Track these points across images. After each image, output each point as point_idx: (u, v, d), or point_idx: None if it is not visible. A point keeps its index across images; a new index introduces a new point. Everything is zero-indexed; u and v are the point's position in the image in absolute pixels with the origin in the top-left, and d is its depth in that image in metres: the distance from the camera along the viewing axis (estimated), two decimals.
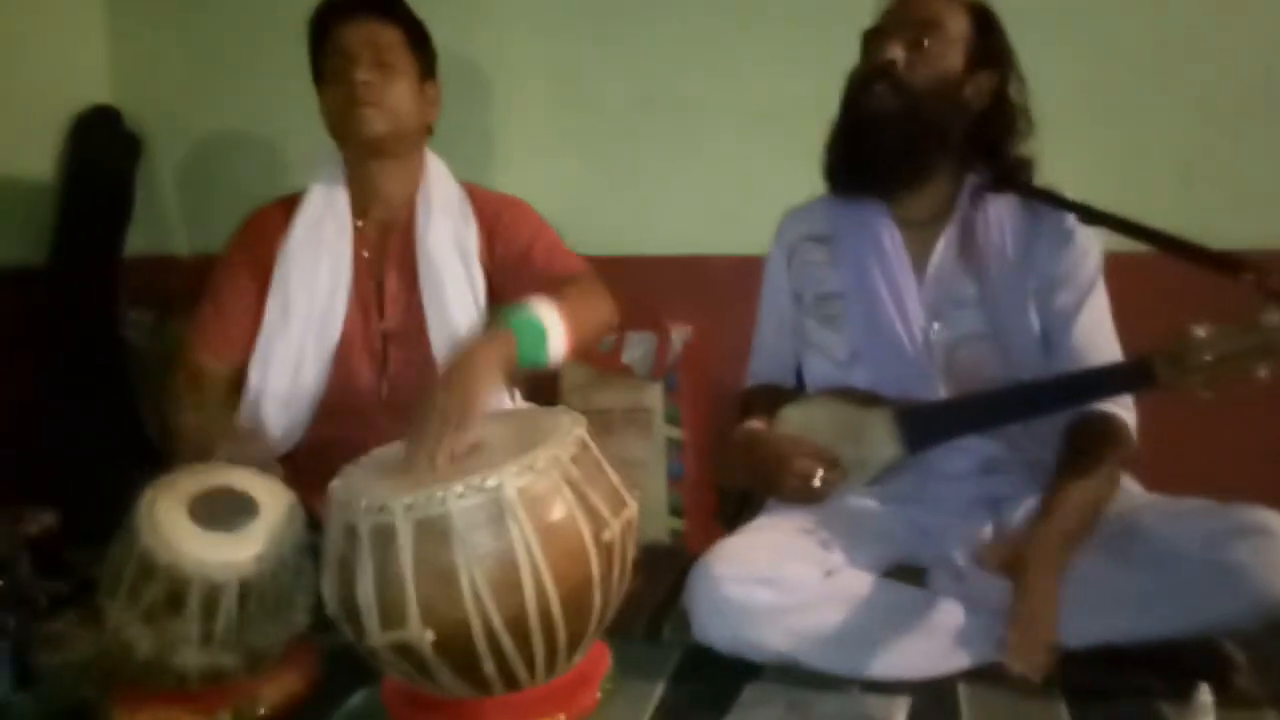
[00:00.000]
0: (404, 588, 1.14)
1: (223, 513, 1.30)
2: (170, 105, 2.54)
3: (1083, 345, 1.47)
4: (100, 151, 2.47)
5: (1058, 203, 1.49)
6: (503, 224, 1.71)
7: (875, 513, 1.54)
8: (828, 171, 1.57)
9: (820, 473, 1.45)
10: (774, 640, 1.36)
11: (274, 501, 1.34)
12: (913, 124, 1.48)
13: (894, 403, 1.49)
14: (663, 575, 1.70)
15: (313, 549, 1.31)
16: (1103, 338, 1.48)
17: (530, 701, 1.23)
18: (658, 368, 2.11)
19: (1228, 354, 1.26)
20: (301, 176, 1.75)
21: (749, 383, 1.74)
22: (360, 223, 1.71)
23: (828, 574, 1.42)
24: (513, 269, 1.68)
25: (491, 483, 1.15)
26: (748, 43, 2.19)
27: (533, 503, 1.17)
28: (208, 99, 2.51)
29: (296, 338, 1.64)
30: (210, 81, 2.50)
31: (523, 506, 1.16)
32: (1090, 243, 1.50)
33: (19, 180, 2.38)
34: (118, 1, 2.56)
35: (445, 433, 1.23)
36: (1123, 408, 1.43)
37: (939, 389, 1.50)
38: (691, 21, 2.22)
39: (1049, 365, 1.48)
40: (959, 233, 1.54)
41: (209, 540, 1.26)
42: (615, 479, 1.29)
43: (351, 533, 1.18)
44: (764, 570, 1.37)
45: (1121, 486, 1.48)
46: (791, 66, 2.13)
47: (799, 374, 1.69)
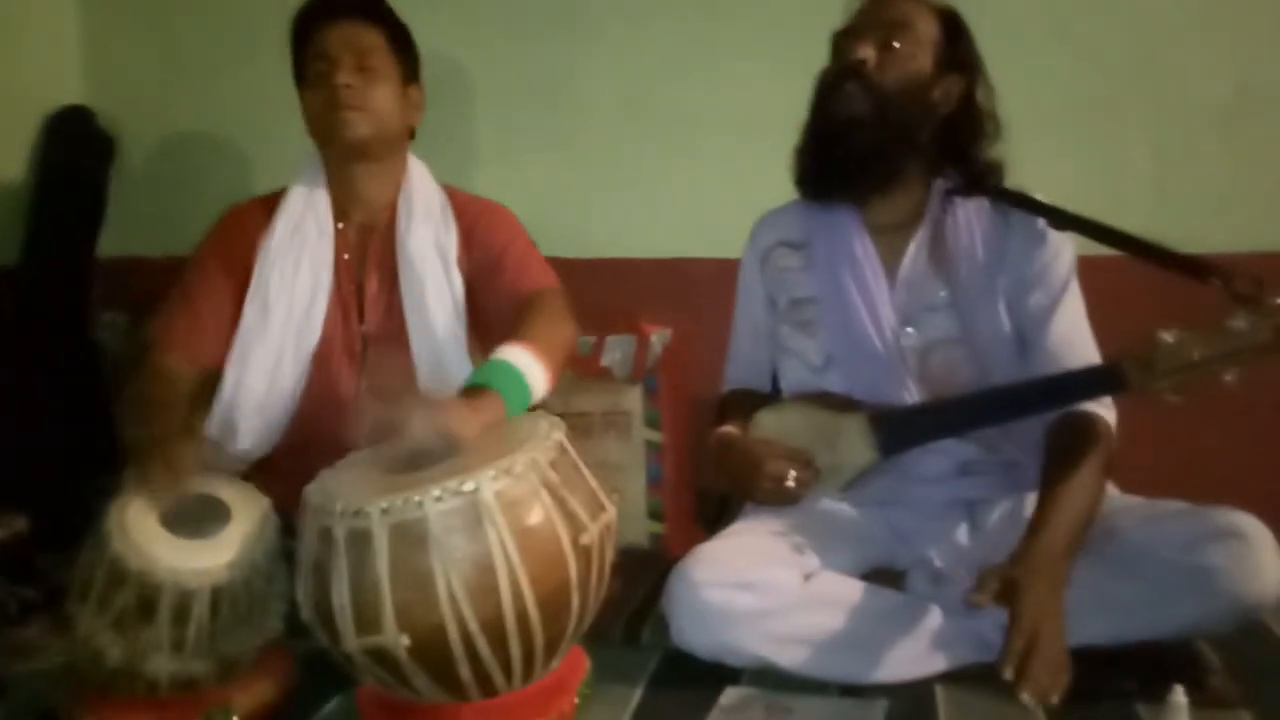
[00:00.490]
0: (380, 592, 1.13)
1: (195, 519, 1.28)
2: (144, 106, 2.51)
3: (1059, 346, 1.47)
4: (73, 152, 2.44)
5: (1027, 206, 1.50)
6: (479, 229, 1.70)
7: (853, 516, 1.55)
8: (798, 177, 1.58)
9: (793, 474, 1.45)
10: (752, 644, 1.36)
11: (247, 507, 1.33)
12: (882, 126, 1.48)
13: (868, 407, 1.50)
14: (642, 579, 1.70)
15: (287, 555, 1.30)
16: (1079, 338, 1.48)
17: (507, 707, 1.23)
18: (637, 371, 2.11)
19: (1196, 359, 1.27)
20: (277, 178, 1.74)
21: (725, 388, 1.74)
22: (341, 225, 1.70)
23: (806, 578, 1.42)
24: (485, 275, 1.67)
25: (469, 486, 1.14)
26: (731, 47, 2.19)
27: (510, 506, 1.16)
28: (182, 99, 2.48)
29: (275, 340, 1.62)
30: (185, 82, 2.47)
31: (500, 510, 1.15)
32: (1062, 244, 1.51)
33: None
34: (91, 1, 2.53)
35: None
36: (1103, 407, 1.44)
37: (913, 393, 1.51)
38: (675, 26, 2.22)
39: (1025, 367, 1.49)
40: (929, 237, 1.54)
41: (181, 546, 1.25)
42: (594, 483, 1.29)
43: (327, 537, 1.17)
44: (743, 575, 1.37)
45: None
46: (774, 71, 2.12)
47: (775, 379, 1.69)
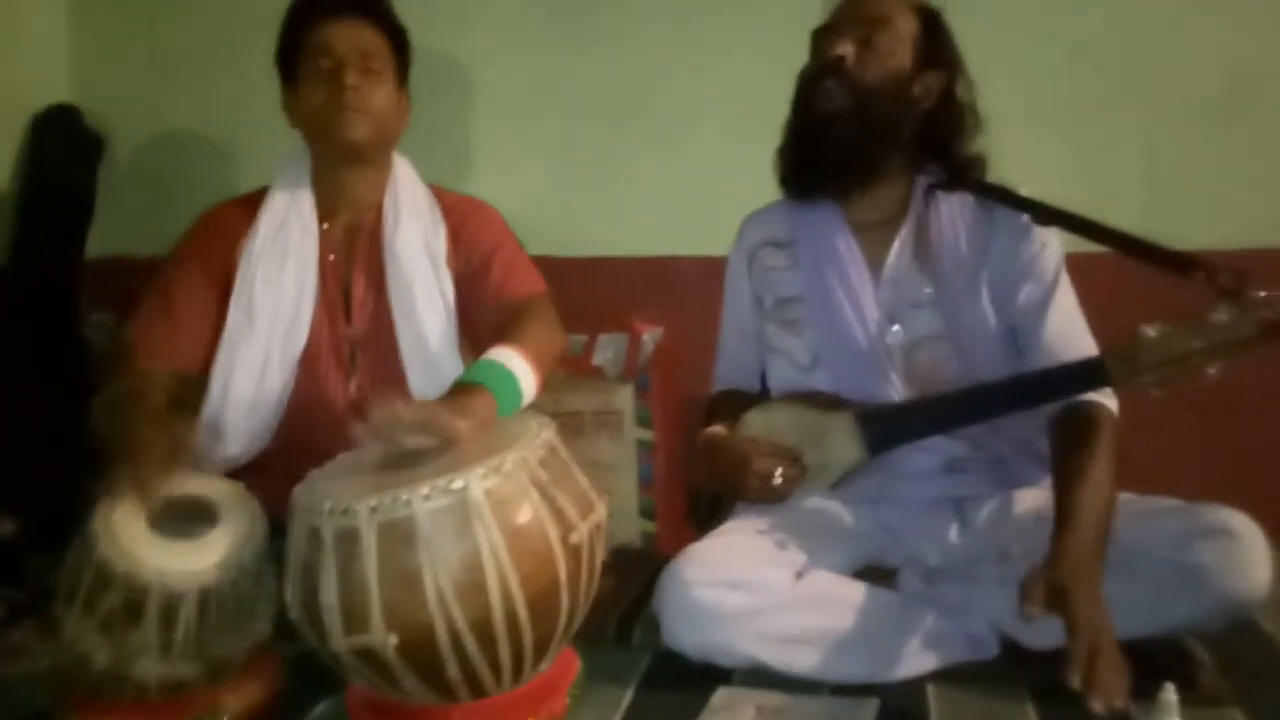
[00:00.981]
0: (368, 591, 1.12)
1: (183, 520, 1.27)
2: (132, 105, 2.50)
3: (1055, 340, 1.46)
4: (61, 151, 2.43)
5: (1010, 200, 1.50)
6: (467, 229, 1.69)
7: (843, 514, 1.55)
8: (782, 176, 1.58)
9: (779, 471, 1.45)
10: (744, 644, 1.36)
11: (235, 508, 1.32)
12: (862, 122, 1.48)
13: (855, 405, 1.50)
14: (633, 578, 1.69)
15: (275, 556, 1.29)
16: (1075, 331, 1.48)
17: (497, 708, 1.22)
18: (628, 369, 2.11)
19: (1178, 353, 1.27)
20: (266, 177, 1.72)
21: (715, 387, 1.74)
22: (326, 225, 1.68)
23: (797, 577, 1.42)
24: (473, 277, 1.66)
25: (457, 484, 1.14)
26: (721, 46, 2.19)
27: (499, 505, 1.15)
28: (170, 98, 2.47)
29: (262, 343, 1.60)
30: (173, 81, 2.47)
31: (489, 508, 1.14)
32: (1048, 236, 1.50)
33: None
34: (79, 0, 2.52)
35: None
36: (1104, 395, 1.43)
37: (899, 390, 1.51)
38: (666, 25, 2.22)
39: (1014, 363, 1.49)
40: (913, 234, 1.54)
41: (168, 548, 1.24)
42: (584, 482, 1.28)
43: (315, 536, 1.16)
44: (734, 574, 1.37)
45: None
46: (763, 70, 2.10)
47: (764, 378, 1.69)
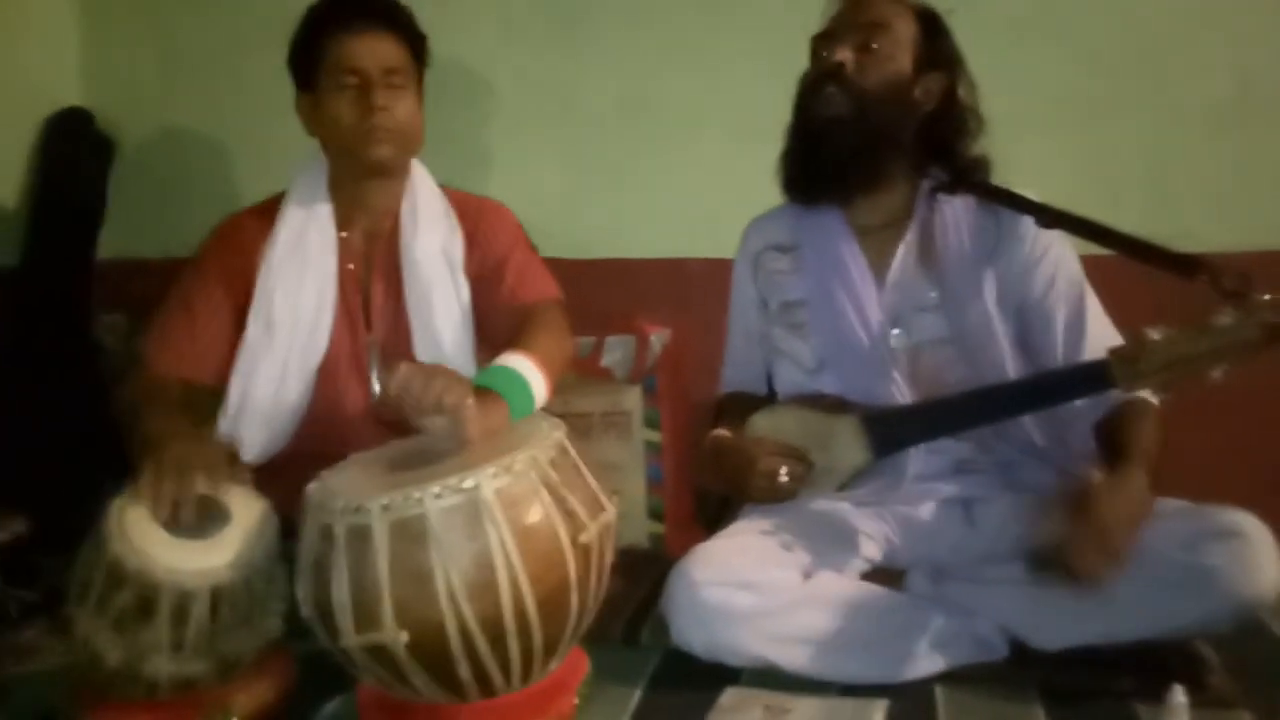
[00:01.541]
0: (379, 588, 1.13)
1: (194, 519, 1.28)
2: (143, 107, 2.51)
3: (1077, 333, 1.47)
4: (72, 154, 2.44)
5: (1014, 203, 1.50)
6: (481, 231, 1.69)
7: (850, 516, 1.55)
8: (784, 181, 1.58)
9: (784, 469, 1.45)
10: (752, 644, 1.36)
11: (246, 507, 1.33)
12: (864, 126, 1.49)
13: (861, 408, 1.50)
14: (641, 579, 1.70)
15: (287, 556, 1.29)
16: (1098, 324, 1.48)
17: (506, 707, 1.22)
18: (636, 370, 2.11)
19: (1182, 356, 1.28)
20: (276, 179, 1.72)
21: (722, 390, 1.74)
22: (345, 234, 1.67)
23: (806, 577, 1.42)
24: (487, 281, 1.66)
25: (469, 483, 1.15)
26: (727, 49, 2.19)
27: (510, 504, 1.16)
28: (181, 101, 2.49)
29: (281, 354, 1.59)
30: (184, 84, 2.48)
31: (500, 508, 1.15)
32: (1053, 235, 1.50)
33: None
34: (90, 3, 2.53)
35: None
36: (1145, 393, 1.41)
37: (904, 393, 1.51)
38: (672, 27, 2.23)
39: (1023, 364, 1.49)
40: (918, 237, 1.55)
41: (180, 547, 1.25)
42: (593, 483, 1.29)
43: (327, 534, 1.17)
44: (743, 574, 1.37)
45: None
46: (770, 73, 2.11)
47: (770, 381, 1.69)
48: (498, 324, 1.62)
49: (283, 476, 1.48)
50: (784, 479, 1.45)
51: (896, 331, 1.53)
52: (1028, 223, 1.49)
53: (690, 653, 1.39)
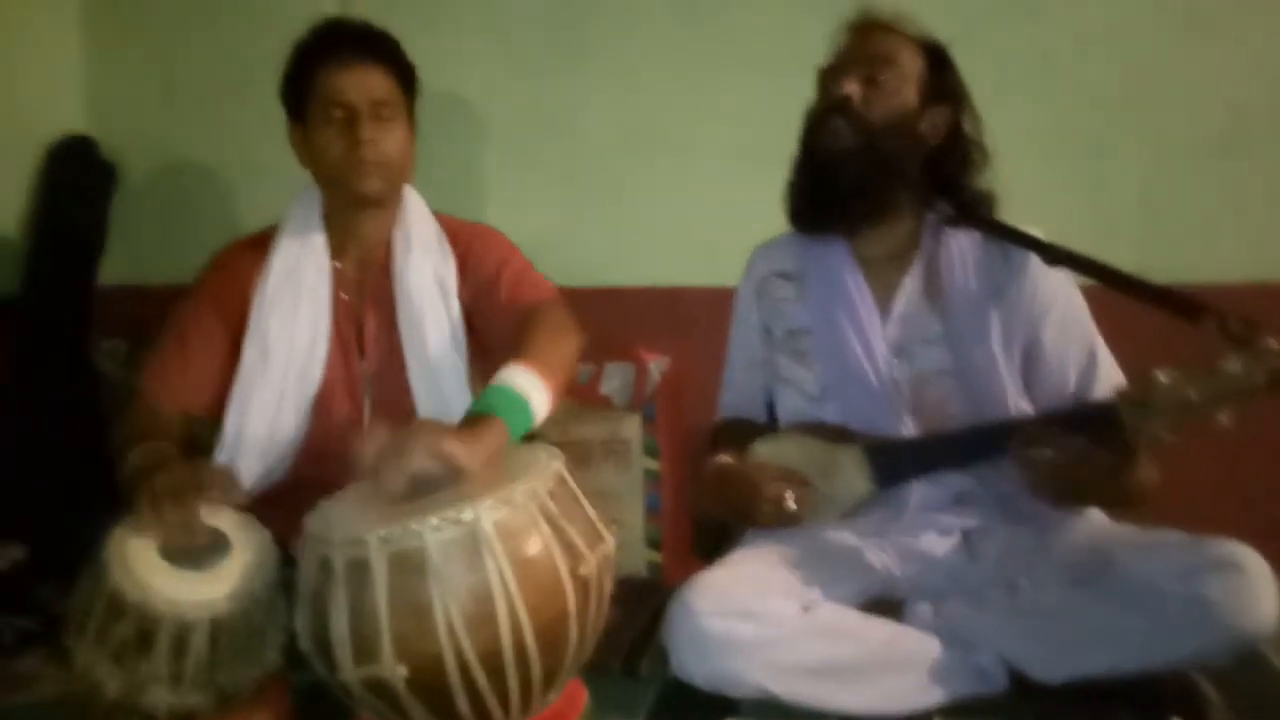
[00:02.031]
0: (378, 621, 1.13)
1: (195, 550, 1.28)
2: (145, 134, 2.53)
3: (1089, 376, 1.49)
4: (75, 180, 2.46)
5: (1018, 239, 1.50)
6: (473, 253, 1.69)
7: (851, 545, 1.55)
8: (790, 211, 1.59)
9: (790, 494, 1.45)
10: (752, 675, 1.35)
11: (246, 538, 1.33)
12: (870, 159, 1.50)
13: (864, 438, 1.50)
14: (640, 609, 1.69)
15: (285, 586, 1.29)
16: (1107, 367, 1.49)
17: None
18: (636, 399, 2.11)
19: (1191, 400, 1.27)
20: (275, 207, 1.73)
21: (719, 416, 1.74)
22: (339, 263, 1.68)
23: (805, 608, 1.42)
24: (481, 297, 1.66)
25: (468, 516, 1.14)
26: (728, 80, 2.21)
27: (509, 536, 1.16)
28: (182, 129, 2.51)
29: (276, 385, 1.60)
30: (185, 112, 2.50)
31: (499, 540, 1.15)
32: (1059, 272, 1.50)
33: None
34: (93, 31, 2.56)
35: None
36: None
37: (908, 425, 1.52)
38: (673, 58, 2.25)
39: (1044, 399, 1.50)
40: (924, 271, 1.56)
41: (180, 578, 1.25)
42: (593, 513, 1.29)
43: (326, 566, 1.17)
44: (743, 604, 1.37)
45: (1088, 518, 1.50)
46: (768, 102, 2.14)
47: (770, 408, 1.69)
48: (500, 332, 1.60)
49: (280, 505, 1.48)
50: (791, 505, 1.45)
51: (904, 363, 1.53)
52: (1036, 261, 1.50)
53: (690, 683, 1.38)
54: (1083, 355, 1.51)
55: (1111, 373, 1.49)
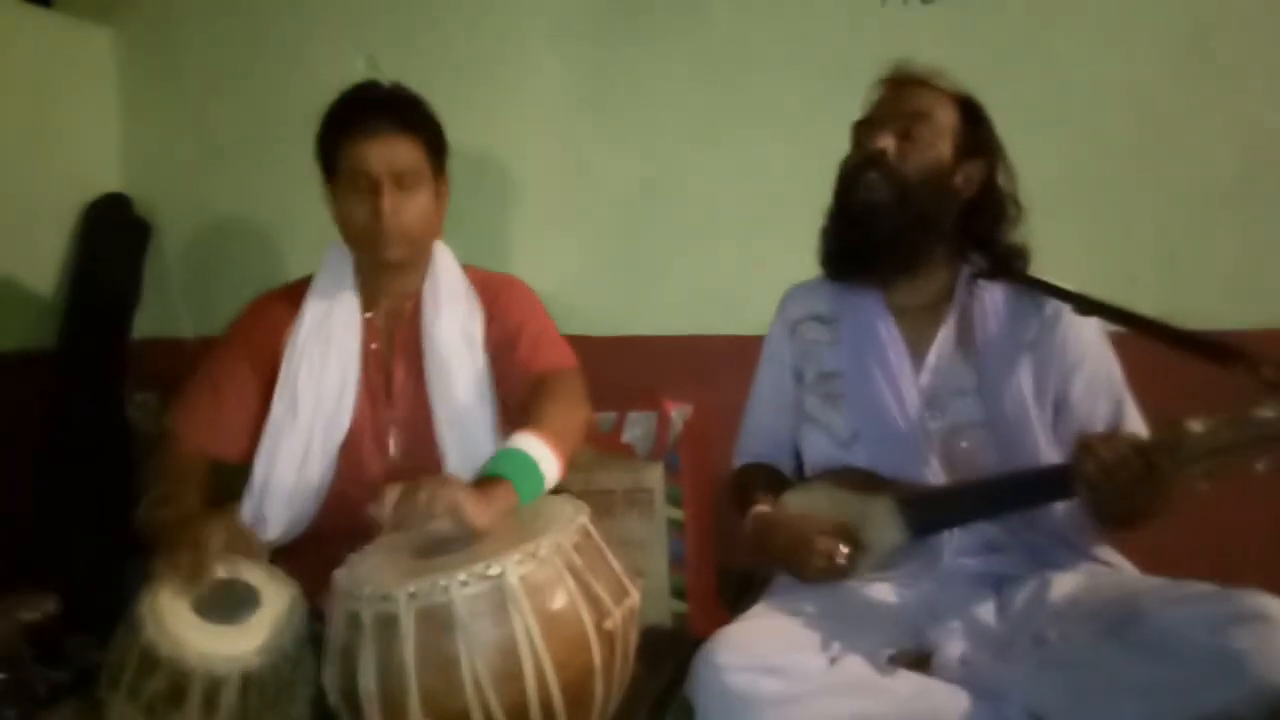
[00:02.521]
0: (406, 677, 1.14)
1: (225, 604, 1.30)
2: (179, 192, 2.60)
3: (1110, 427, 1.48)
4: (110, 237, 2.51)
5: (1051, 291, 1.51)
6: (499, 304, 1.72)
7: (878, 596, 1.53)
8: (824, 259, 1.61)
9: (843, 548, 1.45)
10: None
11: (276, 592, 1.35)
12: (904, 212, 1.51)
13: (894, 487, 1.50)
14: (665, 660, 1.68)
15: (314, 640, 1.31)
16: (1134, 421, 1.49)
17: None
18: (658, 447, 2.12)
19: (1225, 447, 1.26)
20: (307, 262, 1.77)
21: (738, 461, 1.74)
22: (369, 314, 1.71)
23: (832, 661, 1.41)
24: (502, 352, 1.68)
25: (494, 571, 1.16)
26: (746, 129, 2.25)
27: (535, 591, 1.17)
28: (215, 187, 2.57)
29: (304, 434, 1.62)
30: (218, 170, 2.56)
31: (525, 595, 1.16)
32: (1091, 324, 1.51)
33: (31, 266, 2.42)
34: (131, 94, 2.64)
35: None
36: None
37: (937, 474, 1.51)
38: (694, 115, 2.29)
39: (1063, 449, 1.48)
40: (957, 322, 1.56)
41: (212, 633, 1.27)
42: (618, 566, 1.29)
43: (355, 621, 1.18)
44: (768, 659, 1.35)
45: (1118, 567, 1.49)
46: (788, 152, 2.19)
47: (795, 452, 1.69)
48: (514, 393, 1.64)
49: (306, 557, 1.51)
50: (843, 560, 1.45)
51: (936, 414, 1.53)
52: (1070, 316, 1.50)
53: None
54: (1110, 409, 1.51)
55: (1138, 429, 1.49)
